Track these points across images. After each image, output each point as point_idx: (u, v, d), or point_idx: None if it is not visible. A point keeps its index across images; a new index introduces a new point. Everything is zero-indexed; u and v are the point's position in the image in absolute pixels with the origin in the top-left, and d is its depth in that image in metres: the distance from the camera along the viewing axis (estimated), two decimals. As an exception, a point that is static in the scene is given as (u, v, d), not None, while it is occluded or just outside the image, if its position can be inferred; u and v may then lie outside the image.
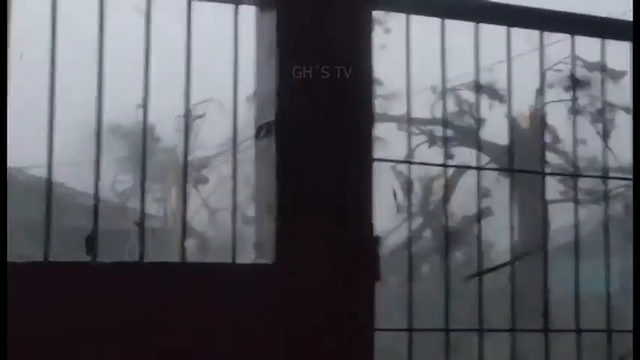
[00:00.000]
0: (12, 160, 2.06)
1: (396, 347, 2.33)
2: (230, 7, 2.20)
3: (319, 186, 2.16)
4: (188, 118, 2.31)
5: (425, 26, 2.44)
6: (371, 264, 2.16)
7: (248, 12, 2.25)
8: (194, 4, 2.16)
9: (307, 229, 2.14)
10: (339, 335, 2.12)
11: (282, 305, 2.09)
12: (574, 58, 2.56)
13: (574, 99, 2.68)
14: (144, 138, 2.22)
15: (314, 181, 2.15)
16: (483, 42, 2.46)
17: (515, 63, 2.50)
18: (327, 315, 2.12)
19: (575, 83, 2.79)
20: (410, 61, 2.40)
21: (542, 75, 2.62)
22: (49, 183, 2.06)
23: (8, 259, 1.93)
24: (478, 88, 2.50)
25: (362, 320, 2.15)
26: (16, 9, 2.02)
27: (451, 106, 11.42)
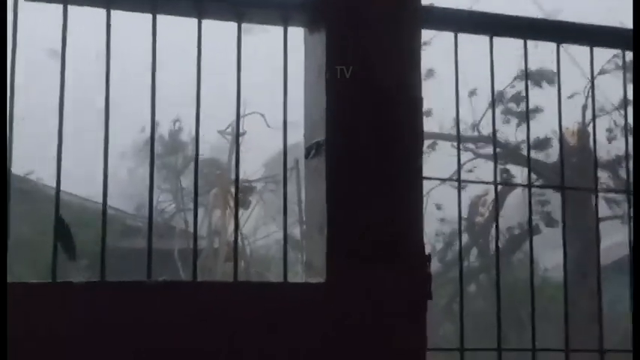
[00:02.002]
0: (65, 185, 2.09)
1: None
2: (279, 28, 2.23)
3: (369, 205, 2.16)
4: (238, 141, 2.32)
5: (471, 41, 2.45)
6: (422, 282, 2.15)
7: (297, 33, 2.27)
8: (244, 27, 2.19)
9: (357, 248, 2.14)
10: (391, 354, 2.11)
11: (333, 324, 2.09)
12: (625, 74, 2.53)
13: (625, 115, 2.65)
14: (196, 163, 2.24)
15: (364, 200, 2.15)
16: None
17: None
18: (378, 334, 2.11)
19: (627, 100, 2.76)
20: (458, 80, 2.40)
21: (592, 91, 2.60)
22: (104, 206, 2.09)
23: (65, 279, 1.96)
24: (527, 104, 2.49)
25: (413, 339, 2.13)
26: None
27: (498, 123, 11.36)
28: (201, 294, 2.06)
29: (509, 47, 2.43)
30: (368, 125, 2.19)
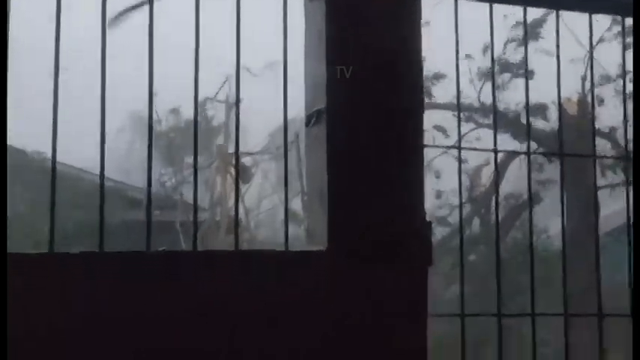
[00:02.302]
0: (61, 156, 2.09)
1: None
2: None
3: (370, 172, 2.16)
4: (239, 113, 2.30)
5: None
6: (423, 249, 2.16)
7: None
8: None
9: (359, 215, 2.14)
10: (393, 321, 2.12)
11: (334, 291, 2.10)
12: (624, 40, 2.52)
13: (624, 83, 2.64)
14: (195, 131, 2.23)
15: (365, 168, 2.15)
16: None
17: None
18: (379, 301, 2.12)
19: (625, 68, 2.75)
20: (458, 48, 2.39)
21: (591, 60, 2.59)
22: (101, 178, 2.09)
23: (62, 250, 1.97)
24: (528, 72, 2.48)
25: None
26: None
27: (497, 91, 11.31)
28: (203, 263, 2.06)
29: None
30: (369, 93, 2.18)
